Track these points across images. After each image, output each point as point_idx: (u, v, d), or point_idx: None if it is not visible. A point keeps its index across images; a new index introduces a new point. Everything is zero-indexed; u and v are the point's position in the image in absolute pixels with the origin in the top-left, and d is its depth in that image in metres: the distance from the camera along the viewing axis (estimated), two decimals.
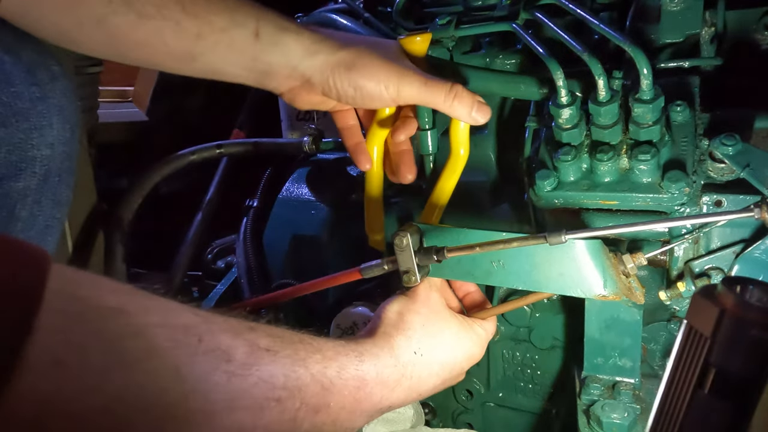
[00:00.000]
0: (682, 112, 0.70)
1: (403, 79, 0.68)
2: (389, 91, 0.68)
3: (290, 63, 0.68)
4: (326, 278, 0.79)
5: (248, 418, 0.48)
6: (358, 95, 0.69)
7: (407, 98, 0.69)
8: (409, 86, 0.68)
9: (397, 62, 0.69)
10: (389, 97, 0.69)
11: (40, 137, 0.63)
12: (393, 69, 0.68)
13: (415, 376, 0.65)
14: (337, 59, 0.68)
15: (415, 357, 0.65)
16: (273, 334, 0.53)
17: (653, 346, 0.79)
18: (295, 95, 0.73)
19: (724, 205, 0.69)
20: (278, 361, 0.52)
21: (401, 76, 0.68)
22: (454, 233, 0.70)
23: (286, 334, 0.55)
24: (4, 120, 0.60)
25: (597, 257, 0.65)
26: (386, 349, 0.63)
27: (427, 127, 0.75)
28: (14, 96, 0.60)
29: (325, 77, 0.69)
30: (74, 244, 0.94)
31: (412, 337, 0.66)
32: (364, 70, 0.68)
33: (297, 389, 0.52)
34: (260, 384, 0.49)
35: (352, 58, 0.68)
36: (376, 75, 0.68)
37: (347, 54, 0.69)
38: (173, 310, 0.47)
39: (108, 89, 1.72)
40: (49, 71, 0.64)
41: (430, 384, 0.67)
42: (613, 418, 0.74)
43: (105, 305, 0.41)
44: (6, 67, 0.61)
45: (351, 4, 0.94)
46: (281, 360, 0.52)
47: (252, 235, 1.06)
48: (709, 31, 0.77)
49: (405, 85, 0.68)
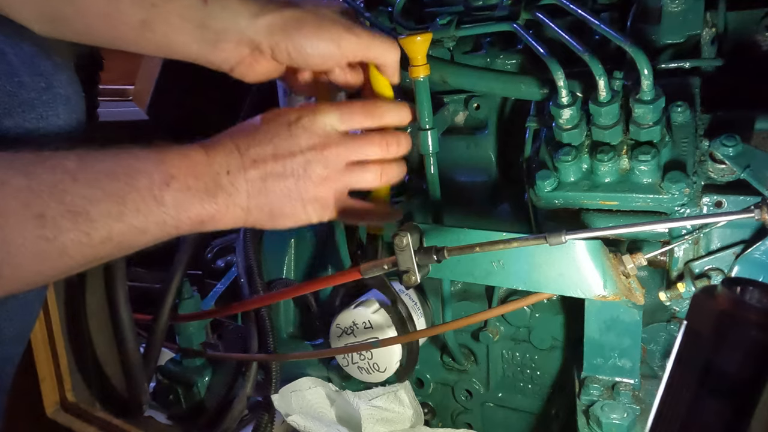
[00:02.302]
0: (682, 112, 0.70)
1: (352, 34, 0.68)
2: (341, 48, 0.68)
3: (238, 27, 0.67)
4: (326, 278, 0.79)
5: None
6: (309, 54, 0.68)
7: (356, 52, 0.69)
8: (357, 39, 0.68)
9: (343, 19, 0.70)
10: (340, 54, 0.68)
11: (47, 127, 0.63)
12: (342, 25, 0.68)
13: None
14: (285, 19, 0.68)
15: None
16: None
17: (653, 347, 0.79)
18: (246, 67, 0.71)
19: (724, 206, 0.69)
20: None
21: (350, 32, 0.68)
22: (454, 233, 0.70)
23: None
24: (10, 110, 0.59)
25: (597, 258, 0.65)
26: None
27: (427, 127, 0.75)
28: (19, 86, 0.60)
29: (275, 40, 0.68)
30: None
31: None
32: (314, 28, 0.68)
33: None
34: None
35: (300, 17, 0.68)
36: (327, 32, 0.68)
37: (294, 13, 0.68)
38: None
39: (108, 88, 1.72)
40: (52, 62, 0.64)
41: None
42: (613, 418, 0.74)
43: None
44: (9, 58, 0.60)
45: (351, 4, 0.94)
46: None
47: (252, 234, 1.06)
48: (710, 32, 0.77)
49: (353, 38, 0.68)
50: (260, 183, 0.63)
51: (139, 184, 0.56)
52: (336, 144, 0.65)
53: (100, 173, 0.55)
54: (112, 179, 0.55)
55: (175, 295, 0.99)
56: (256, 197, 0.63)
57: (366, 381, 0.91)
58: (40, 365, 0.98)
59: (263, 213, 0.64)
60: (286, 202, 0.64)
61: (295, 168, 0.64)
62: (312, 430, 0.91)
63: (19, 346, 0.72)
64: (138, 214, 0.55)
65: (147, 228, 0.56)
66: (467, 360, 0.95)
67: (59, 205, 0.51)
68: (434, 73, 0.78)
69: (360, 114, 0.68)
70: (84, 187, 0.53)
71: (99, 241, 0.54)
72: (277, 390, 0.97)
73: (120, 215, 0.54)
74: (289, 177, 0.64)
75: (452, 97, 0.93)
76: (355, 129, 0.68)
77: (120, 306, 0.94)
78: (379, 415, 0.90)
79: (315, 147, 0.64)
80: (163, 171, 0.58)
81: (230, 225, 0.64)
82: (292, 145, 0.64)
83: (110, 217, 0.54)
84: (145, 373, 0.98)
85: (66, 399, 1.00)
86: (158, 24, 0.65)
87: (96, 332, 0.99)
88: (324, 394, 0.99)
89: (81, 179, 0.53)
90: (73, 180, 0.53)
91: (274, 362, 0.97)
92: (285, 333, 1.06)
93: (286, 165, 0.63)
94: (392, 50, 0.70)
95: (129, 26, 0.64)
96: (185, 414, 1.06)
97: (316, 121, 0.66)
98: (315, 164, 0.64)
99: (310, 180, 0.64)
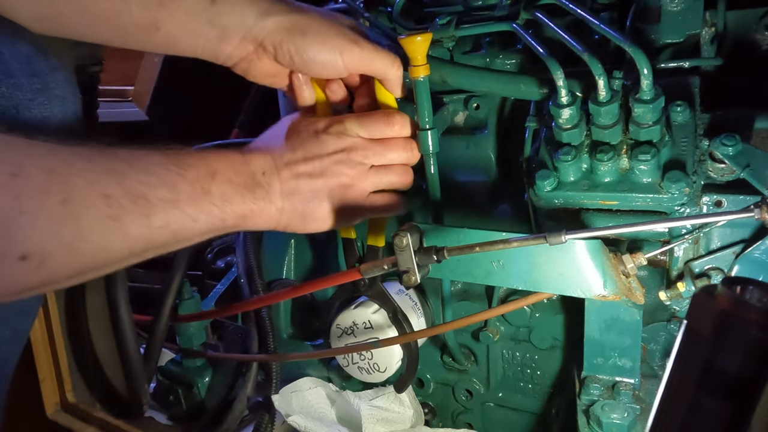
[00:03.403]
0: (682, 112, 0.70)
1: (356, 46, 0.70)
2: (344, 59, 0.70)
3: (244, 25, 0.68)
4: (326, 278, 0.79)
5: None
6: (311, 60, 0.70)
7: (358, 65, 0.71)
8: (360, 52, 0.70)
9: (349, 31, 0.71)
10: (342, 65, 0.70)
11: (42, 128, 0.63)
12: (347, 37, 0.70)
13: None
14: (291, 22, 0.69)
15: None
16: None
17: (653, 347, 0.79)
18: (249, 64, 0.72)
19: (724, 206, 0.69)
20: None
21: (355, 44, 0.70)
22: (454, 233, 0.70)
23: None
24: (5, 111, 0.59)
25: (597, 257, 0.65)
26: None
27: (427, 127, 0.75)
28: (14, 87, 0.60)
29: (279, 39, 0.69)
30: None
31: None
32: (319, 36, 0.69)
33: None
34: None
35: (306, 23, 0.69)
36: (331, 41, 0.69)
37: (301, 18, 0.69)
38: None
39: (108, 89, 1.72)
40: (49, 62, 0.64)
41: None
42: (613, 418, 0.74)
43: None
44: (5, 58, 0.60)
45: (351, 4, 0.93)
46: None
47: (252, 234, 1.06)
48: (709, 32, 0.77)
49: (357, 51, 0.70)
50: (293, 183, 0.66)
51: (188, 174, 0.59)
52: (362, 148, 0.70)
53: (152, 164, 0.58)
54: (164, 169, 0.58)
55: (175, 295, 1.00)
56: (289, 198, 0.66)
57: (366, 381, 0.91)
58: (40, 366, 0.98)
59: (296, 214, 0.67)
60: (316, 203, 0.68)
61: (324, 169, 0.68)
62: (312, 430, 0.91)
63: (16, 347, 0.72)
64: (190, 202, 0.58)
65: (198, 217, 0.59)
66: (467, 360, 0.95)
67: (119, 187, 0.54)
68: (434, 73, 0.78)
69: (381, 123, 0.72)
70: (141, 174, 0.56)
71: (158, 225, 0.56)
72: (278, 390, 0.97)
73: (175, 201, 0.57)
74: (319, 178, 0.68)
75: (452, 97, 0.93)
76: (376, 137, 0.72)
77: (120, 306, 0.94)
78: (379, 415, 0.90)
79: (342, 150, 0.69)
80: (207, 165, 0.61)
81: (265, 225, 0.67)
82: (321, 150, 0.69)
83: (166, 201, 0.56)
84: (146, 373, 0.98)
85: (66, 400, 1.00)
86: (166, 23, 0.66)
87: (96, 333, 0.99)
88: (324, 395, 0.99)
89: (136, 167, 0.56)
90: (129, 167, 0.56)
91: (274, 362, 0.97)
92: (285, 333, 1.06)
93: (316, 166, 0.68)
94: (395, 66, 0.72)
95: (135, 25, 0.65)
96: (185, 414, 1.06)
97: (342, 129, 0.70)
98: (343, 165, 0.68)
99: (338, 180, 0.68)
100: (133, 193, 0.54)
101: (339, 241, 0.92)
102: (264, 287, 1.01)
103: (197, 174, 0.60)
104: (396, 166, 0.73)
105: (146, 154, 0.58)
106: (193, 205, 0.58)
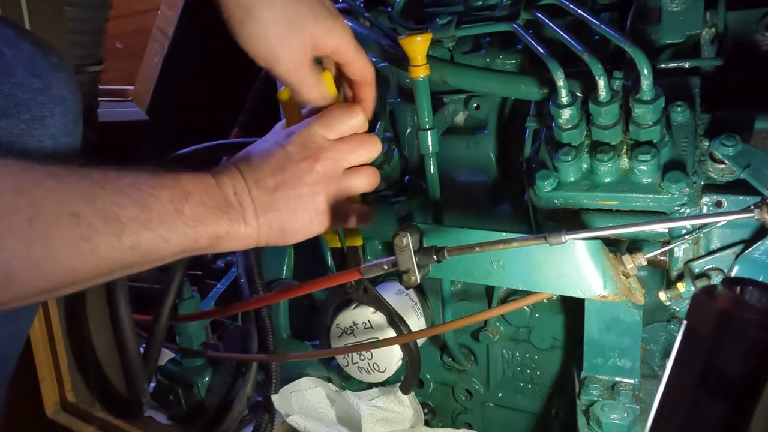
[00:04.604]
0: (682, 112, 0.70)
1: (333, 19, 0.67)
2: (316, 24, 0.66)
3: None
4: (326, 278, 0.79)
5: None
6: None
7: (325, 40, 0.68)
8: (333, 25, 0.67)
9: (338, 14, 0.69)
10: (310, 35, 0.67)
11: (42, 128, 0.63)
12: (331, 12, 0.67)
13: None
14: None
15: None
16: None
17: (653, 347, 0.79)
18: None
19: (724, 206, 0.69)
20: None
21: (333, 18, 0.67)
22: (454, 233, 0.70)
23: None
24: (6, 111, 0.59)
25: (597, 257, 0.65)
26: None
27: (427, 127, 0.75)
28: (15, 87, 0.60)
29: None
30: None
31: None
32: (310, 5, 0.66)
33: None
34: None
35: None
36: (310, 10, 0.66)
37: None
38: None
39: (108, 88, 1.72)
40: (50, 63, 0.64)
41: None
42: (613, 418, 0.74)
43: None
44: (6, 59, 0.60)
45: (351, 4, 0.94)
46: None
47: None
48: (709, 32, 0.77)
49: (330, 22, 0.67)
50: (265, 199, 0.65)
51: (161, 195, 0.58)
52: (329, 151, 0.67)
53: (125, 184, 0.57)
54: (137, 189, 0.57)
55: (175, 295, 1.00)
56: (264, 214, 0.65)
57: (366, 381, 0.91)
58: (40, 365, 0.98)
59: (273, 230, 0.66)
60: (292, 215, 0.66)
61: (294, 180, 0.66)
62: (312, 430, 0.91)
63: (16, 345, 0.72)
64: (162, 222, 0.57)
65: (170, 237, 0.58)
66: (467, 360, 0.95)
67: (91, 207, 0.53)
68: (434, 73, 0.78)
69: (345, 115, 0.69)
70: (112, 194, 0.55)
71: (128, 245, 0.55)
72: (277, 390, 0.97)
73: (147, 222, 0.56)
74: (291, 190, 0.66)
75: (452, 97, 0.94)
76: (342, 134, 0.69)
77: (120, 306, 0.94)
78: (379, 415, 0.90)
79: (308, 158, 0.67)
80: (181, 187, 0.60)
81: (242, 245, 0.65)
82: (288, 161, 0.67)
83: (138, 222, 0.56)
84: (145, 373, 0.98)
85: (66, 399, 1.00)
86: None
87: (96, 332, 0.99)
88: (324, 395, 0.99)
89: (108, 187, 0.55)
90: (101, 187, 0.55)
91: (274, 362, 0.98)
92: (285, 333, 1.06)
93: (286, 178, 0.66)
94: (348, 35, 0.69)
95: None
96: (185, 414, 1.06)
97: (305, 135, 0.68)
98: (311, 174, 0.66)
99: (310, 190, 0.66)
100: (104, 213, 0.53)
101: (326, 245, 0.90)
102: (264, 287, 1.01)
103: (170, 195, 0.59)
104: (363, 168, 0.71)
105: (119, 175, 0.57)
106: (165, 226, 0.58)
